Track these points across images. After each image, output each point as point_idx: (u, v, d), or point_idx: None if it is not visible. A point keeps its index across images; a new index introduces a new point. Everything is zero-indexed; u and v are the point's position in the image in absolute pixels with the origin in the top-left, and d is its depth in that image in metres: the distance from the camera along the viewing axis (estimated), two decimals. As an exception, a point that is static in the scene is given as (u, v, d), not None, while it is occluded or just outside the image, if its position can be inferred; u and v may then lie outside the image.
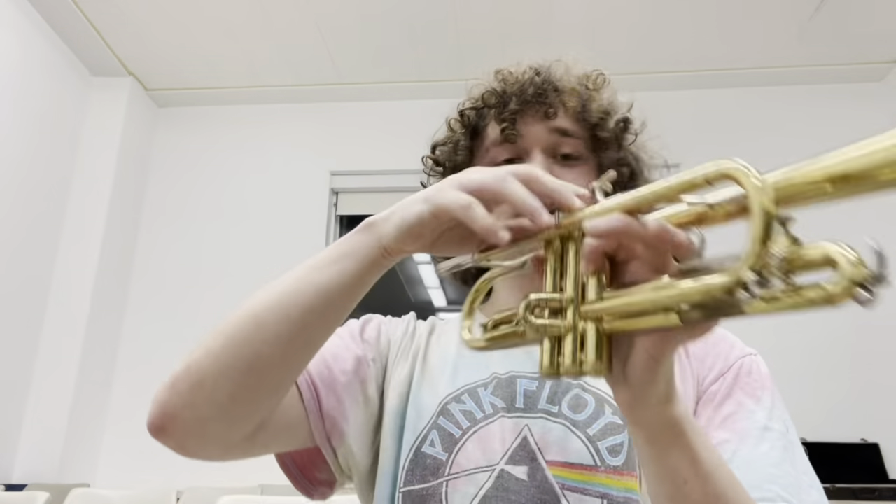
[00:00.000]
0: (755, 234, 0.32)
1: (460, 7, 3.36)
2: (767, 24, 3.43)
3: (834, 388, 3.20)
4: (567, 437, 0.66)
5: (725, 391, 0.67)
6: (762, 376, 0.69)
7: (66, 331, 3.41)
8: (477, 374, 0.73)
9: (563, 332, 0.44)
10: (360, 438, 0.71)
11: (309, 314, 0.56)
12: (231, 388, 0.56)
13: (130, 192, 3.86)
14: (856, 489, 2.78)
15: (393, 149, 3.85)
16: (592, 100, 0.79)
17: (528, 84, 0.78)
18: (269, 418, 0.63)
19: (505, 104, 0.78)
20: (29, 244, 3.35)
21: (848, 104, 3.76)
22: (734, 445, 0.62)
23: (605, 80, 0.82)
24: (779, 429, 0.64)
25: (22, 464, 3.21)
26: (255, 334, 0.56)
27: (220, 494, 1.65)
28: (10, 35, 3.22)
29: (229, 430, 0.59)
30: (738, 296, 0.33)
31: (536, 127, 0.77)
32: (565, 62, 0.82)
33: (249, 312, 0.57)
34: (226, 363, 0.56)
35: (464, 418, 0.69)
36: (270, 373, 0.57)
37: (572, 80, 0.80)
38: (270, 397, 0.61)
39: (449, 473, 0.66)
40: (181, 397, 0.57)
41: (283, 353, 0.57)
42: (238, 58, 3.76)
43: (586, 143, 0.79)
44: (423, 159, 0.89)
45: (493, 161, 0.79)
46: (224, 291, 3.70)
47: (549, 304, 0.45)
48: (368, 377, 0.74)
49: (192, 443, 0.59)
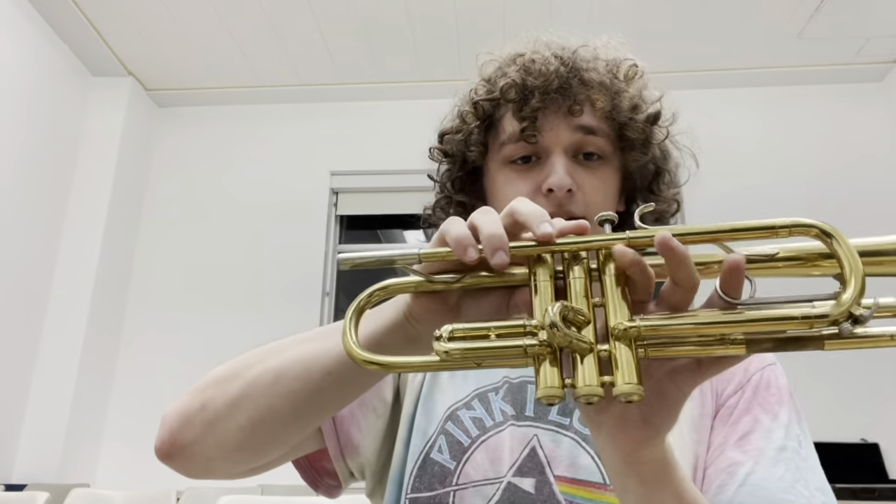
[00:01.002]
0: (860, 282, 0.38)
1: (460, 7, 3.36)
2: (767, 24, 3.43)
3: (834, 388, 3.20)
4: (577, 452, 0.64)
5: (743, 406, 0.65)
6: (780, 389, 0.66)
7: (66, 331, 3.41)
8: (488, 376, 0.71)
9: (586, 350, 0.40)
10: (372, 444, 0.70)
11: (328, 378, 0.54)
12: (240, 437, 0.56)
13: (130, 192, 3.86)
14: (856, 489, 2.78)
15: (393, 149, 3.85)
16: (622, 95, 0.72)
17: (553, 76, 0.70)
18: None
19: (525, 99, 0.71)
20: (29, 244, 3.35)
21: (848, 104, 3.76)
22: (748, 468, 0.60)
23: (636, 71, 0.74)
24: (794, 446, 0.62)
25: (22, 464, 3.21)
26: (272, 387, 0.55)
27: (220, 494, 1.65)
28: (11, 35, 3.22)
29: (234, 468, 0.60)
30: (823, 331, 0.39)
31: (559, 124, 0.70)
32: (594, 46, 0.75)
33: (270, 364, 0.56)
34: (238, 411, 0.55)
35: (473, 426, 0.67)
36: (280, 428, 0.57)
37: (601, 69, 0.72)
38: (276, 449, 0.60)
39: (457, 483, 0.65)
40: (193, 432, 0.57)
41: (295, 412, 0.56)
42: (238, 58, 3.76)
43: (612, 141, 0.72)
44: (431, 150, 0.81)
45: (507, 159, 0.72)
46: (224, 291, 3.70)
47: (577, 318, 0.41)
48: (384, 381, 0.71)
49: (196, 471, 0.60)
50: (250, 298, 3.65)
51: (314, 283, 3.67)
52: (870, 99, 3.76)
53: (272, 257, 3.75)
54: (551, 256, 0.44)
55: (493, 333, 0.42)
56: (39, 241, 3.43)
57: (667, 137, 0.76)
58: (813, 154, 3.69)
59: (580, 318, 0.41)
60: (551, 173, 0.68)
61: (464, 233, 0.44)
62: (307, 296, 3.63)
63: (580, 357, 0.40)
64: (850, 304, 0.37)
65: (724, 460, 0.62)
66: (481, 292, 0.48)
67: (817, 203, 3.58)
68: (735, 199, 3.45)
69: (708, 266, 0.43)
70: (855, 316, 0.37)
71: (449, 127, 0.79)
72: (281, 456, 0.63)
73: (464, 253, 0.43)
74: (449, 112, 0.81)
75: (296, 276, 3.67)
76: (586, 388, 0.39)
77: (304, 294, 3.62)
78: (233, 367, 0.58)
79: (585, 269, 0.43)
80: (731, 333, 0.40)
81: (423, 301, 0.49)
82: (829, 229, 0.39)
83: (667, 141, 0.76)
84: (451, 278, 0.45)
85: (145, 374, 3.57)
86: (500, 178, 0.73)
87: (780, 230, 0.40)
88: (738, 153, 3.68)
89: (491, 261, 0.42)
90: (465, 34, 3.53)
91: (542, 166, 0.70)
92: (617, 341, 0.40)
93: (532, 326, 0.41)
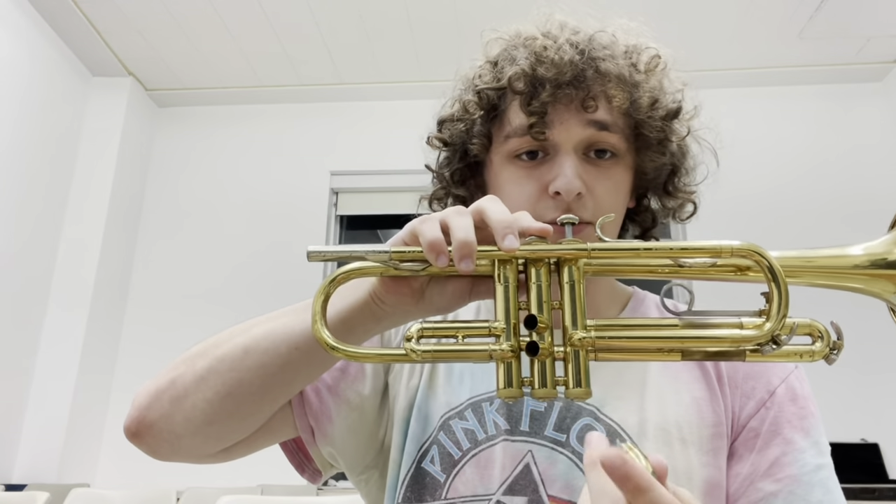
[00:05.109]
0: (783, 307, 0.43)
1: (461, 7, 3.36)
2: (767, 24, 3.43)
3: (834, 388, 3.20)
4: (573, 473, 0.61)
5: (771, 427, 0.61)
6: (807, 398, 0.63)
7: (66, 331, 3.41)
8: (483, 384, 0.67)
9: (545, 355, 0.45)
10: (345, 434, 0.67)
11: (295, 352, 0.55)
12: (207, 411, 0.56)
13: (130, 192, 3.86)
14: (856, 489, 2.78)
15: (393, 149, 3.85)
16: (640, 88, 0.66)
17: (567, 66, 0.63)
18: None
19: (535, 91, 0.64)
20: (29, 244, 3.34)
21: (848, 104, 3.76)
22: (783, 499, 0.58)
23: (658, 62, 0.68)
24: (826, 462, 0.60)
25: (22, 464, 3.21)
26: (240, 361, 0.56)
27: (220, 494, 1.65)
28: (11, 35, 3.22)
29: (202, 446, 0.60)
30: (746, 347, 0.45)
31: (570, 119, 0.64)
32: (612, 31, 0.68)
33: (239, 339, 0.57)
34: (206, 385, 0.56)
35: (465, 438, 0.65)
36: (248, 401, 0.57)
37: (619, 57, 0.66)
38: (243, 424, 0.60)
39: (446, 497, 0.63)
40: (161, 409, 0.57)
41: (263, 386, 0.56)
42: (238, 58, 3.76)
43: (627, 137, 0.66)
44: (429, 138, 0.75)
45: (512, 153, 0.67)
46: (224, 291, 3.70)
47: (538, 325, 0.45)
48: (361, 374, 0.69)
49: (164, 451, 0.59)
50: (250, 298, 3.64)
51: (314, 283, 3.67)
52: (870, 99, 3.76)
53: (272, 257, 3.75)
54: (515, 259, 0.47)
55: (460, 334, 0.46)
56: (39, 241, 3.43)
57: (687, 134, 0.71)
58: (812, 154, 3.69)
59: (541, 326, 0.45)
60: (560, 175, 0.63)
61: (436, 237, 0.45)
62: (307, 295, 3.62)
63: (538, 360, 0.45)
64: (774, 330, 0.44)
65: (756, 492, 0.60)
66: (446, 278, 0.51)
67: (816, 203, 3.58)
68: (735, 198, 3.45)
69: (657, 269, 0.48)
70: (776, 339, 0.44)
71: (449, 114, 0.73)
72: (250, 439, 0.62)
73: (436, 259, 0.45)
74: (449, 93, 0.75)
75: (296, 275, 3.66)
76: (542, 390, 0.45)
77: (304, 294, 3.60)
78: (201, 346, 0.59)
79: (547, 272, 0.47)
80: (671, 346, 0.46)
81: (389, 283, 0.50)
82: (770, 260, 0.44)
83: (687, 137, 0.71)
84: (417, 266, 0.48)
85: (145, 375, 3.55)
86: (504, 174, 0.68)
87: (724, 251, 0.45)
88: (737, 153, 3.68)
89: (458, 265, 0.45)
90: (465, 34, 3.53)
91: (551, 164, 0.65)
92: (571, 348, 0.45)
93: (496, 329, 0.45)
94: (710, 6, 3.32)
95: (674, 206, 0.74)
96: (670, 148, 0.69)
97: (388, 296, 0.51)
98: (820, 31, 3.45)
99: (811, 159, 3.67)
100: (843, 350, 0.46)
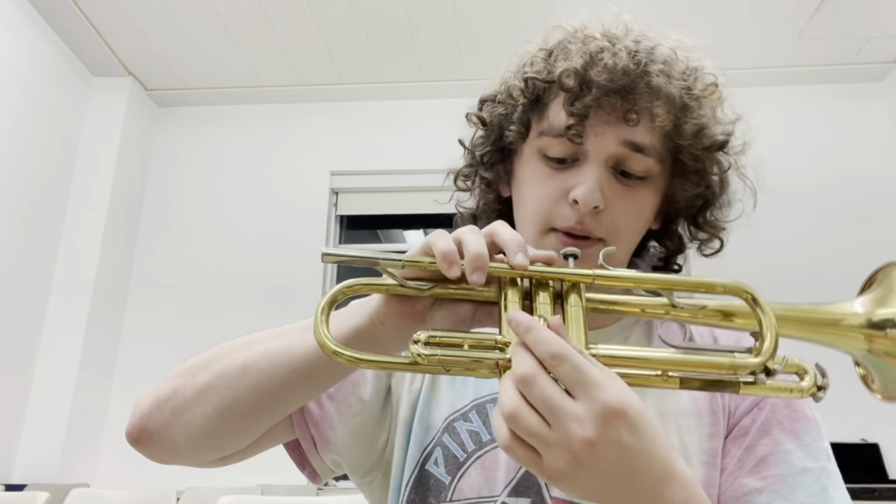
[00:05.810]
0: (774, 344, 0.46)
1: (461, 8, 3.36)
2: (767, 24, 3.43)
3: (834, 388, 3.19)
4: None
5: (761, 427, 0.62)
6: (803, 403, 0.63)
7: (66, 331, 3.41)
8: (486, 386, 0.68)
9: None
10: (347, 439, 0.68)
11: (293, 374, 0.56)
12: (205, 426, 0.57)
13: (130, 191, 3.86)
14: (856, 489, 2.78)
15: (393, 149, 3.85)
16: (689, 113, 0.64)
17: (619, 74, 0.62)
18: None
19: (581, 93, 0.63)
20: (29, 244, 3.35)
21: (848, 104, 3.76)
22: (766, 497, 0.58)
23: (713, 90, 0.66)
24: (816, 467, 0.60)
25: (22, 464, 3.21)
26: (238, 380, 0.57)
27: (220, 494, 1.65)
28: (11, 35, 3.22)
29: (201, 455, 0.61)
30: (741, 378, 0.47)
31: (607, 131, 0.63)
32: (672, 45, 0.67)
33: (238, 357, 0.58)
34: (206, 400, 0.57)
35: (469, 440, 0.65)
36: (244, 419, 0.58)
37: (674, 76, 0.64)
38: (241, 438, 0.61)
39: (451, 499, 0.63)
40: (161, 418, 0.58)
41: (259, 405, 0.57)
42: (238, 58, 3.76)
43: (662, 160, 0.65)
44: (468, 115, 0.74)
45: (543, 151, 0.66)
46: (224, 291, 3.70)
47: None
48: (362, 379, 0.69)
49: (164, 457, 0.61)
50: (250, 298, 3.65)
51: (314, 283, 3.67)
52: (870, 99, 3.76)
53: (272, 257, 3.75)
54: (521, 280, 0.49)
55: (466, 343, 0.46)
56: (39, 241, 3.43)
57: (728, 168, 0.69)
58: (812, 154, 3.69)
59: None
60: (581, 184, 0.62)
61: (450, 248, 0.47)
62: (307, 295, 3.62)
63: None
64: (767, 359, 0.46)
65: (740, 487, 0.60)
66: (448, 303, 0.51)
67: (815, 203, 3.58)
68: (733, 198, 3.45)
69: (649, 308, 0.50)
70: (769, 369, 0.46)
71: (492, 94, 0.72)
72: (250, 446, 0.63)
73: (448, 268, 0.46)
74: (497, 72, 0.73)
75: (296, 275, 3.67)
76: None
77: (304, 294, 3.62)
78: (204, 357, 0.60)
79: (551, 295, 0.48)
80: (671, 371, 0.47)
81: (393, 306, 0.51)
82: (757, 296, 0.47)
83: (729, 171, 0.69)
84: (422, 285, 0.49)
85: (145, 375, 3.56)
86: (531, 169, 0.68)
87: (717, 286, 0.47)
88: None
89: (469, 277, 0.46)
90: (465, 34, 3.53)
91: (577, 171, 0.64)
92: None
93: (502, 342, 0.46)
94: (709, 6, 3.32)
95: (701, 239, 0.74)
96: (707, 179, 0.68)
97: (389, 319, 0.52)
98: (820, 32, 3.45)
99: (811, 159, 3.67)
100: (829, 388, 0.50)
